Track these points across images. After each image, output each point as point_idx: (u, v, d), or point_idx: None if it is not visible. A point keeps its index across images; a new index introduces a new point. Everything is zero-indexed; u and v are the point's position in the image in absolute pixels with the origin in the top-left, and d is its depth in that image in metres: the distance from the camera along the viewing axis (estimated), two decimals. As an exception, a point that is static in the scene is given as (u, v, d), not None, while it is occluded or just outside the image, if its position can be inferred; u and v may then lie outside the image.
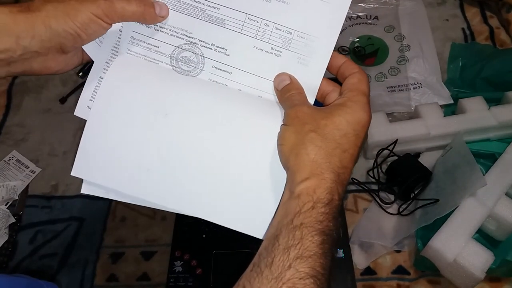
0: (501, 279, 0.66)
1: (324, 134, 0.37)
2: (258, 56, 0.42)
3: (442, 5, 0.95)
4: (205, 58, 0.43)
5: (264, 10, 0.41)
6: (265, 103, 0.42)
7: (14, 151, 0.81)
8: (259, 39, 0.41)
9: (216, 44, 0.42)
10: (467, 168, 0.64)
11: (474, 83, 0.82)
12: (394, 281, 0.67)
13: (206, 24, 0.42)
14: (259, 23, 0.41)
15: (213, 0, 0.41)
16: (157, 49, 0.43)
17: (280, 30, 0.41)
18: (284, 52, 0.41)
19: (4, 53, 0.36)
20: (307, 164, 0.36)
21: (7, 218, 0.73)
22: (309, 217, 0.34)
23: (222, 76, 0.43)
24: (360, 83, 0.40)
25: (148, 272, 0.69)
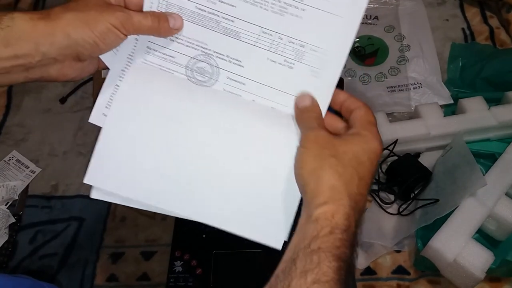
0: (501, 279, 0.66)
1: (343, 161, 0.38)
2: (272, 68, 0.42)
3: (442, 5, 0.95)
4: (220, 69, 0.43)
5: (278, 24, 0.41)
6: (278, 114, 0.43)
7: (14, 151, 0.81)
8: (273, 52, 0.42)
9: (230, 56, 0.43)
10: (467, 168, 0.64)
11: (474, 83, 0.82)
12: (394, 281, 0.67)
13: (221, 36, 0.42)
14: (273, 36, 0.42)
15: (228, 13, 0.42)
16: (173, 59, 0.44)
17: (293, 43, 0.42)
18: (297, 65, 0.42)
19: (23, 58, 0.37)
20: (327, 188, 0.37)
21: (7, 218, 0.73)
22: (326, 242, 0.35)
23: (236, 87, 0.43)
24: (368, 115, 0.41)
25: (148, 272, 0.69)
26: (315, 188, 0.37)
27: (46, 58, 0.38)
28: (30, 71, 0.38)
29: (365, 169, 0.38)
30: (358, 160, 0.38)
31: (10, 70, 0.38)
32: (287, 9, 0.41)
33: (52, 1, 0.98)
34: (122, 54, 0.44)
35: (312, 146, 0.39)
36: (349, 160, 0.38)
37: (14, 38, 0.36)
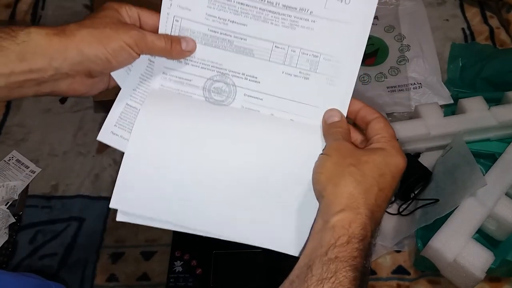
0: (501, 279, 0.66)
1: (363, 170, 0.38)
2: (288, 80, 0.43)
3: (442, 5, 0.95)
4: (237, 87, 0.44)
5: (290, 37, 0.42)
6: (297, 126, 0.44)
7: (14, 151, 0.81)
8: (287, 65, 0.43)
9: (246, 73, 0.44)
10: (467, 168, 0.64)
11: (474, 83, 0.82)
12: (394, 281, 0.67)
13: (235, 55, 0.43)
14: (286, 50, 0.42)
15: (240, 32, 0.43)
16: (190, 82, 0.45)
17: (306, 54, 0.42)
18: (312, 75, 0.43)
19: (36, 72, 0.38)
20: (344, 196, 0.37)
21: (7, 218, 0.73)
22: (344, 251, 0.34)
23: (254, 102, 0.44)
24: (388, 127, 0.42)
25: (148, 272, 0.69)
26: (333, 194, 0.37)
27: (58, 73, 0.38)
28: (41, 85, 0.39)
29: (386, 181, 0.38)
30: (379, 171, 0.38)
31: (23, 84, 0.38)
32: (298, 22, 0.42)
33: (52, 1, 0.98)
34: (135, 74, 0.44)
35: (334, 153, 0.40)
36: (369, 170, 0.38)
37: (30, 53, 0.37)
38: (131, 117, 0.45)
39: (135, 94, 0.45)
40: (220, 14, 0.42)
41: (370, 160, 0.39)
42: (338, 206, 0.36)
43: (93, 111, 0.85)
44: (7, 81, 0.37)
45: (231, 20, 0.42)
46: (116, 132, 0.45)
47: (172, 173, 0.42)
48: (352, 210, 0.36)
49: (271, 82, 0.43)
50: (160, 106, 0.44)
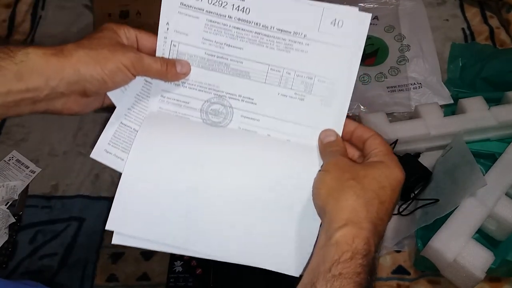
0: (501, 279, 0.66)
1: (363, 183, 0.38)
2: (283, 102, 0.44)
3: (442, 5, 0.95)
4: (234, 109, 0.45)
5: (285, 60, 0.43)
6: (294, 146, 0.45)
7: (14, 151, 0.81)
8: (283, 87, 0.44)
9: (243, 95, 0.45)
10: (467, 168, 0.64)
11: (474, 83, 0.82)
12: (394, 281, 0.67)
13: (232, 78, 0.44)
14: (281, 72, 0.44)
15: (236, 55, 0.44)
16: (187, 105, 0.45)
17: (301, 76, 0.43)
18: (307, 96, 0.44)
19: (33, 92, 0.38)
20: (346, 210, 0.37)
21: (7, 218, 0.73)
22: (347, 267, 0.34)
23: (251, 124, 0.45)
24: (384, 143, 0.42)
25: (148, 272, 0.69)
26: (334, 209, 0.37)
27: (54, 92, 0.39)
28: (37, 104, 0.39)
29: (386, 194, 0.38)
30: (379, 184, 0.38)
31: (20, 103, 0.38)
32: (292, 45, 0.43)
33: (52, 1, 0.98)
34: (130, 93, 0.45)
35: (333, 169, 0.40)
36: (369, 184, 0.38)
37: (27, 72, 0.37)
38: (125, 136, 0.45)
39: (130, 113, 0.46)
40: (216, 38, 0.43)
41: (369, 173, 0.39)
42: (340, 221, 0.36)
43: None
44: (4, 100, 0.37)
45: (227, 44, 0.43)
46: (110, 151, 0.45)
47: (170, 195, 0.43)
48: (354, 224, 0.36)
49: (267, 103, 0.44)
50: (158, 128, 0.45)
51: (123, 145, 0.45)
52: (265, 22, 0.42)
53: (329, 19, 0.42)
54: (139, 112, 0.46)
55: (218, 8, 0.43)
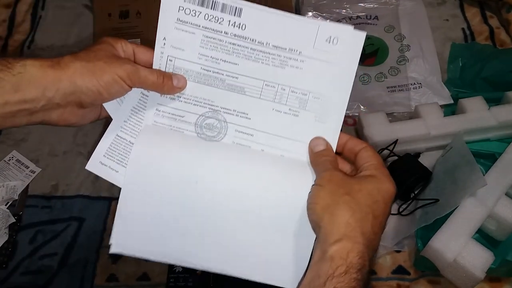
0: (501, 279, 0.66)
1: (357, 198, 0.39)
2: (278, 117, 0.45)
3: (442, 5, 0.95)
4: (228, 124, 0.45)
5: (279, 76, 0.44)
6: (287, 162, 0.45)
7: (14, 151, 0.81)
8: (277, 102, 0.44)
9: (237, 110, 0.45)
10: (467, 168, 0.64)
11: (474, 83, 0.82)
12: (394, 281, 0.67)
13: (227, 93, 0.45)
14: (276, 88, 0.44)
15: (232, 71, 0.44)
16: (182, 119, 0.46)
17: (296, 92, 0.44)
18: (302, 112, 0.44)
19: (30, 103, 0.39)
20: (341, 225, 0.37)
21: (7, 218, 0.73)
22: (342, 281, 0.35)
23: (245, 138, 0.45)
24: (376, 156, 0.42)
25: (148, 272, 0.69)
26: (330, 224, 0.38)
27: (51, 103, 0.39)
28: (33, 115, 0.40)
29: (380, 209, 0.39)
30: (372, 198, 0.39)
31: (16, 114, 0.39)
32: (287, 62, 0.43)
33: (52, 1, 0.98)
34: (126, 105, 0.45)
35: (327, 183, 0.40)
36: (363, 198, 0.39)
37: (24, 84, 0.38)
38: (121, 148, 0.46)
39: (126, 126, 0.46)
40: (212, 54, 0.44)
41: (363, 188, 0.39)
42: (335, 235, 0.37)
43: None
44: (2, 111, 0.38)
45: (223, 60, 0.44)
46: (105, 163, 0.46)
47: (168, 209, 0.43)
48: (349, 239, 0.37)
49: (262, 118, 0.45)
50: (153, 144, 0.45)
51: (118, 157, 0.46)
52: (261, 38, 0.43)
53: (324, 36, 0.42)
54: (135, 125, 0.46)
55: (215, 24, 0.43)
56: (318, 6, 0.93)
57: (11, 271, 0.70)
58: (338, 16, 0.92)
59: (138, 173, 0.44)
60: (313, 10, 0.93)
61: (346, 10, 0.93)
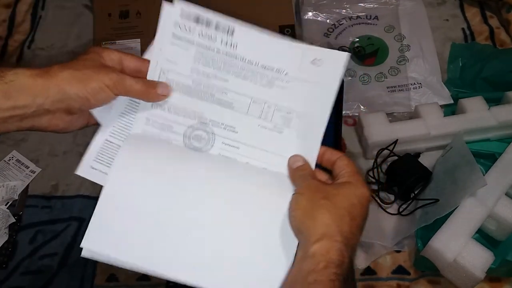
0: (501, 279, 0.66)
1: (334, 201, 0.41)
2: (263, 133, 0.47)
3: (442, 5, 0.95)
4: (216, 136, 0.47)
5: (266, 95, 0.46)
6: (270, 174, 0.47)
7: (14, 151, 0.81)
8: (263, 119, 0.47)
9: (225, 123, 0.47)
10: (467, 168, 0.64)
11: (474, 83, 0.82)
12: (394, 281, 0.67)
13: (216, 107, 0.46)
14: (262, 105, 0.46)
15: (221, 86, 0.46)
16: (171, 129, 0.47)
17: (281, 110, 0.46)
18: (286, 130, 0.47)
19: (21, 109, 0.41)
20: (321, 226, 0.40)
21: (7, 218, 0.73)
22: (322, 275, 0.37)
23: (231, 151, 0.47)
24: (351, 164, 0.45)
25: (148, 272, 0.69)
26: (311, 226, 0.40)
27: (40, 109, 0.42)
28: (23, 121, 0.42)
29: (357, 211, 0.42)
30: (349, 201, 0.42)
31: (7, 120, 0.41)
32: (274, 82, 0.45)
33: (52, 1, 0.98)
34: (115, 112, 0.47)
35: (306, 191, 0.43)
36: (340, 201, 0.41)
37: (15, 91, 0.40)
38: (110, 152, 0.47)
39: (115, 131, 0.47)
40: (204, 69, 0.46)
41: (340, 192, 0.42)
42: (316, 235, 0.39)
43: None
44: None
45: (214, 75, 0.46)
46: (95, 167, 0.48)
47: (146, 217, 0.44)
48: (329, 238, 0.39)
49: (248, 133, 0.47)
50: (139, 149, 0.46)
51: (108, 161, 0.47)
52: (251, 57, 0.45)
53: (310, 58, 0.44)
54: (124, 130, 0.47)
55: (208, 42, 0.45)
56: (318, 6, 0.93)
57: (11, 271, 0.70)
58: (338, 16, 0.92)
59: (120, 177, 0.45)
60: (313, 10, 0.93)
61: (346, 10, 0.93)
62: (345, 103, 0.71)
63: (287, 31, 0.84)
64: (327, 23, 0.92)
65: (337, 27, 0.91)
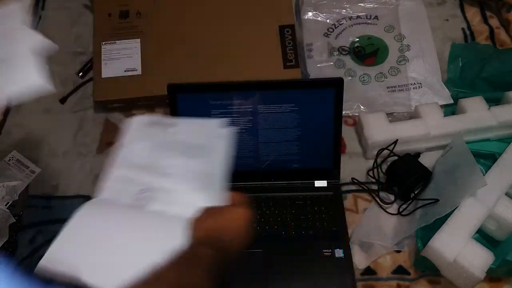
0: (501, 279, 0.66)
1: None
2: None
3: (442, 5, 0.95)
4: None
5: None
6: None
7: (14, 151, 0.81)
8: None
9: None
10: (467, 168, 0.64)
11: (474, 83, 0.82)
12: (394, 281, 0.67)
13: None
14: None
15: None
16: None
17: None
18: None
19: None
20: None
21: (7, 218, 0.73)
22: None
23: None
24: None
25: (148, 272, 0.69)
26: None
27: None
28: None
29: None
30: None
31: None
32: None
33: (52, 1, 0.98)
34: None
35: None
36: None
37: None
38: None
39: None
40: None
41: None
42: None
43: (93, 111, 0.85)
44: None
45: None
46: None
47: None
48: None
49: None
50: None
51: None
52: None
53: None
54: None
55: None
56: (318, 6, 0.93)
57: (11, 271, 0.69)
58: (338, 16, 0.92)
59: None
60: (313, 10, 0.93)
61: (346, 10, 0.93)
62: (345, 103, 0.71)
63: (287, 31, 0.84)
64: (327, 23, 0.92)
65: (337, 27, 0.91)
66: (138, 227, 0.52)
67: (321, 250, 0.67)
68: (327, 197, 0.72)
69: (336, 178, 0.73)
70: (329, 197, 0.72)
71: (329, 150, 0.71)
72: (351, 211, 0.73)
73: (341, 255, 0.66)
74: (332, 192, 0.72)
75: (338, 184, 0.73)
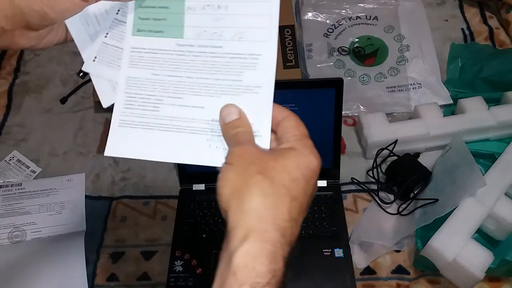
0: (500, 279, 0.66)
1: (272, 177, 0.32)
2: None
3: (442, 5, 0.95)
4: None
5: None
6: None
7: (14, 151, 0.81)
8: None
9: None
10: (466, 168, 0.64)
11: (474, 83, 0.82)
12: (394, 280, 0.67)
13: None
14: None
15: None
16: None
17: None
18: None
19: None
20: (249, 215, 0.31)
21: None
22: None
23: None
24: (300, 125, 0.36)
25: (148, 271, 0.69)
26: (237, 214, 0.32)
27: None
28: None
29: (299, 187, 0.33)
30: (290, 176, 0.33)
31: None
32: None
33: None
34: (92, 25, 0.42)
35: (237, 161, 0.34)
36: (279, 177, 0.32)
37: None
38: (109, 54, 0.43)
39: (111, 32, 0.42)
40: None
41: (278, 164, 0.33)
42: (241, 231, 0.31)
43: (93, 111, 0.85)
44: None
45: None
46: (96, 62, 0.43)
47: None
48: (257, 236, 0.30)
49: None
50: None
51: (109, 60, 0.43)
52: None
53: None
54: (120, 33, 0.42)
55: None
56: (318, 7, 0.93)
57: (12, 271, 0.70)
58: (338, 17, 0.92)
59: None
60: (313, 10, 0.93)
61: (346, 11, 0.93)
62: (345, 103, 0.71)
63: (287, 31, 0.85)
64: (327, 23, 0.92)
65: (337, 27, 0.91)
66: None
67: (320, 250, 0.67)
68: (326, 197, 0.72)
69: (336, 178, 0.73)
70: (329, 197, 0.72)
71: (329, 150, 0.71)
72: (351, 211, 0.73)
73: (340, 254, 0.66)
74: (332, 192, 0.73)
75: (338, 184, 0.74)
